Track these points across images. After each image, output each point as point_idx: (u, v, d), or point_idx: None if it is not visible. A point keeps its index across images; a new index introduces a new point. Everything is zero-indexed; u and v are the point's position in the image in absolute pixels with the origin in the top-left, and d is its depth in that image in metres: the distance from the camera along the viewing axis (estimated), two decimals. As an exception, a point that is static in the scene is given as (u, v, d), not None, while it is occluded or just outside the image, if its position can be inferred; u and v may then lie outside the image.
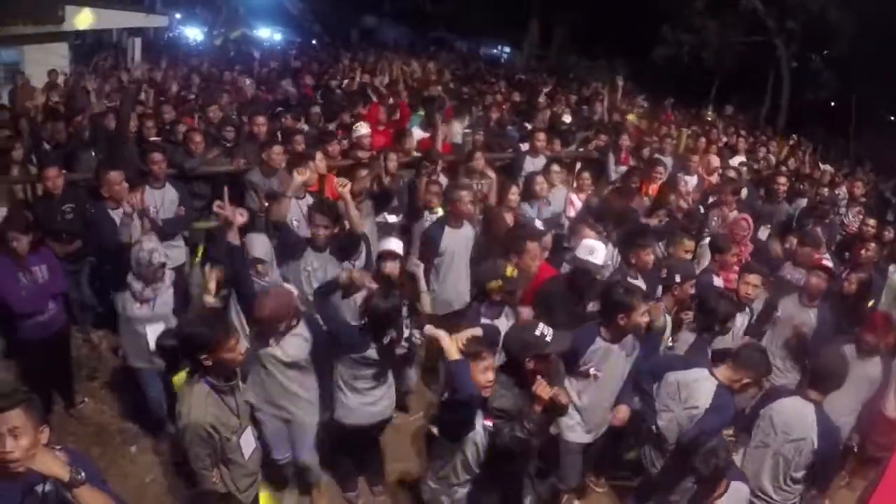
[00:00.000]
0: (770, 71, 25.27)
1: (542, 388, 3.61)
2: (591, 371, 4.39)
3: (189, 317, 3.55)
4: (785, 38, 23.88)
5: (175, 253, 6.17)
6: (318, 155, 6.17)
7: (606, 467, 5.31)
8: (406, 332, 4.75)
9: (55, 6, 13.39)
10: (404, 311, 4.66)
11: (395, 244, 5.19)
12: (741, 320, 5.36)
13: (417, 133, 8.52)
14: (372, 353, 4.27)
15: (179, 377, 3.67)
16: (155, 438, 5.31)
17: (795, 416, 4.14)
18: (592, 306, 4.88)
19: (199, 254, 6.43)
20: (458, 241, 5.95)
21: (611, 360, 4.42)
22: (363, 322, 4.27)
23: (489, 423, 3.63)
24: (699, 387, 4.10)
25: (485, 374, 3.62)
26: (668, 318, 5.04)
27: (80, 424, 5.55)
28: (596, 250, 5.03)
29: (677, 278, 5.19)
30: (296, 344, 4.17)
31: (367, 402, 4.46)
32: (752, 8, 23.37)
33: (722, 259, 5.99)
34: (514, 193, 6.66)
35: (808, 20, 22.70)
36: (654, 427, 4.34)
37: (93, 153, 7.38)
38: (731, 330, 4.97)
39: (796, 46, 23.96)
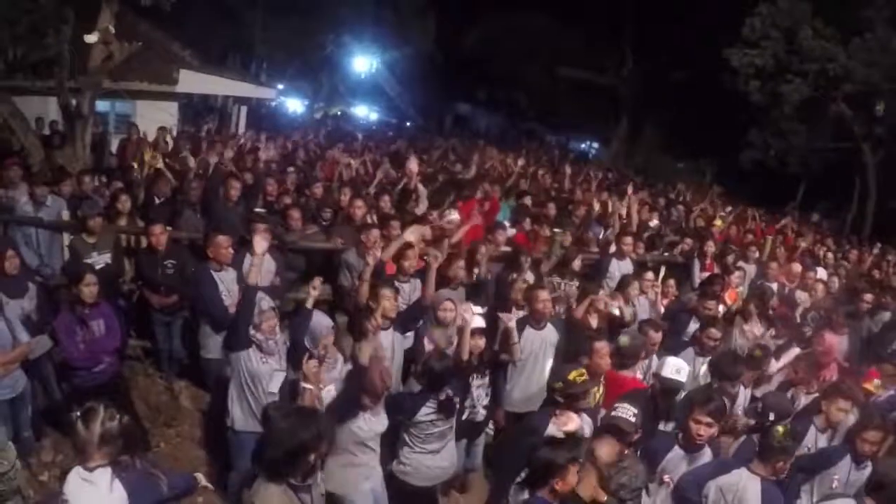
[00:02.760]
0: (856, 177, 24.82)
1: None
2: (665, 478, 4.41)
3: (285, 413, 3.53)
4: (872, 144, 23.50)
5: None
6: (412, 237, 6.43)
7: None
8: (483, 401, 5.25)
9: (170, 68, 14.54)
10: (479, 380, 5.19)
11: (479, 321, 5.32)
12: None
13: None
14: (424, 414, 4.58)
15: None
16: (224, 494, 5.29)
17: None
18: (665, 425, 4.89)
19: None
20: (536, 342, 5.83)
21: (682, 468, 4.44)
22: (421, 387, 4.70)
23: None
24: (745, 487, 4.10)
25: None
26: None
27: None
28: (682, 370, 5.00)
29: (771, 416, 4.85)
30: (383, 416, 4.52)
31: (430, 461, 4.74)
32: (839, 113, 23.16)
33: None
34: (601, 296, 6.38)
35: (895, 126, 22.34)
36: None
37: (196, 213, 7.73)
38: None
39: (883, 152, 23.53)
